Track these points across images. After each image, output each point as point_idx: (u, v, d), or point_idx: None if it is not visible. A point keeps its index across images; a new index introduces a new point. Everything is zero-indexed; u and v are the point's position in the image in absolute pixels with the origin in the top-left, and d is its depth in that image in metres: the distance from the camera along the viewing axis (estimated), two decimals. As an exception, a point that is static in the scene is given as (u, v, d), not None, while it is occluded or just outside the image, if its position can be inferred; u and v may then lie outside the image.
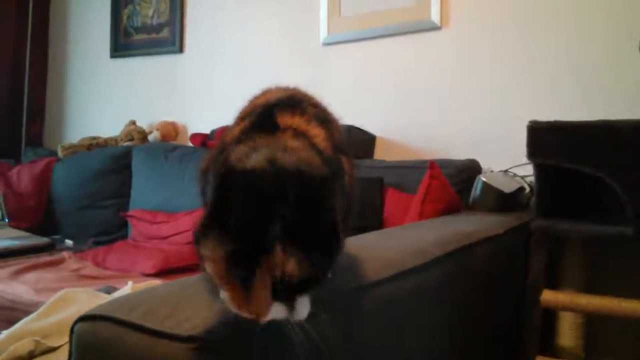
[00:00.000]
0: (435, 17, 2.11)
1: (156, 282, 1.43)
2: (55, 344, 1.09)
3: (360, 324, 0.77)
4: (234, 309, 0.55)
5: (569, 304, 1.37)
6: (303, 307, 0.58)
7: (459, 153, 1.97)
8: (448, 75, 2.13)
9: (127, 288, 1.26)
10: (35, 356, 1.09)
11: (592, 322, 1.58)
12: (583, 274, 1.50)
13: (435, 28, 2.13)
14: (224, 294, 0.66)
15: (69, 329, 0.65)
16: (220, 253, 0.53)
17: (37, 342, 1.07)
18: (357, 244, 0.94)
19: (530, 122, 1.38)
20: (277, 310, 0.56)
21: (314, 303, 0.59)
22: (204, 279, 0.75)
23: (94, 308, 0.65)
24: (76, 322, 0.64)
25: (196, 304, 0.63)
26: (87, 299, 1.21)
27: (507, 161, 1.78)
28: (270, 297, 0.54)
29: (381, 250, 0.97)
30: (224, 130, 0.70)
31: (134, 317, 0.59)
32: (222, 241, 0.53)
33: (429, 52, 2.16)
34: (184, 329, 0.57)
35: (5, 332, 1.15)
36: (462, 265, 1.13)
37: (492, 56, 2.04)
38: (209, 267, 0.55)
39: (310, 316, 0.58)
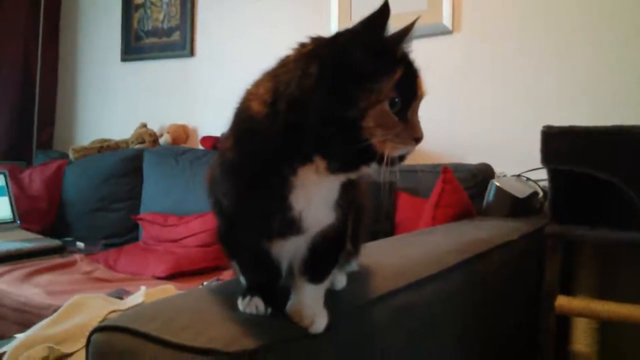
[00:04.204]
0: (447, 21, 2.10)
1: (169, 286, 1.43)
2: (69, 350, 1.09)
3: (376, 335, 0.77)
4: None
5: (583, 310, 1.35)
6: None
7: (472, 157, 1.95)
8: (460, 79, 2.11)
9: (140, 293, 1.26)
10: (49, 362, 1.09)
11: (607, 327, 1.56)
12: (598, 280, 1.49)
13: (446, 32, 2.12)
14: (242, 304, 0.66)
15: (82, 335, 0.65)
16: None
17: (50, 348, 1.07)
18: (371, 252, 0.93)
19: (544, 127, 1.36)
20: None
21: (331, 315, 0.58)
22: (219, 288, 0.75)
23: (111, 319, 0.65)
24: (93, 332, 0.63)
25: (213, 316, 0.63)
26: (100, 305, 1.21)
27: (521, 165, 1.77)
28: None
29: (396, 258, 0.96)
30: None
31: (152, 329, 0.59)
32: None
33: (441, 56, 2.15)
34: (202, 341, 0.57)
35: (19, 337, 1.15)
36: (476, 273, 1.12)
37: (504, 60, 2.02)
38: None
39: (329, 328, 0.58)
